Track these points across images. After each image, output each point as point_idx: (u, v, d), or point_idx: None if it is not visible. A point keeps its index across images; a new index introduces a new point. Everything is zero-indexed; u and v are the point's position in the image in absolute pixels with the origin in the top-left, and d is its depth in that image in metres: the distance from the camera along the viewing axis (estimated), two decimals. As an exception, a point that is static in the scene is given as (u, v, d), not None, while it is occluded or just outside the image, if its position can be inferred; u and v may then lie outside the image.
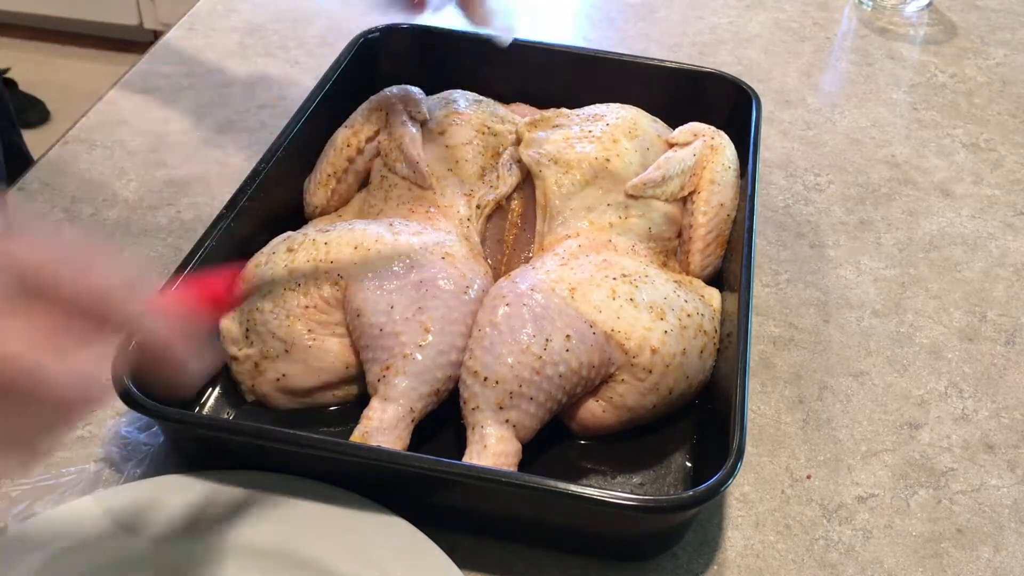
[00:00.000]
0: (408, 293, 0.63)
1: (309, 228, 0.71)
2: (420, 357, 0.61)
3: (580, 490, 0.53)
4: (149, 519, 0.56)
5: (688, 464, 0.64)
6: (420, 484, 0.57)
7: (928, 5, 1.18)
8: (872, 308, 0.78)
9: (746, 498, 0.63)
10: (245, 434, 0.57)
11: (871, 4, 1.18)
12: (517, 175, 0.74)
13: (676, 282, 0.67)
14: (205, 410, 0.65)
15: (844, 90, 1.04)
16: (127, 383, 0.56)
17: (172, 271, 0.63)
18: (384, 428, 0.59)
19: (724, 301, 0.69)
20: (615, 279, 0.64)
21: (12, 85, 2.52)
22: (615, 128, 0.74)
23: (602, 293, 0.63)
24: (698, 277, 0.73)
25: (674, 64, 0.86)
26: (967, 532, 0.62)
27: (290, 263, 0.65)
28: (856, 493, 0.64)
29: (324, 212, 0.77)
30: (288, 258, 0.65)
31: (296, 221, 0.75)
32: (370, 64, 0.85)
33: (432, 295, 0.63)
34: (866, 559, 0.60)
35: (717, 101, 0.83)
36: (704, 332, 0.65)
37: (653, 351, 0.62)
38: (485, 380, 0.59)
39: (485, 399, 0.59)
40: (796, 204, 0.88)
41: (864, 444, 0.67)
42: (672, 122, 0.80)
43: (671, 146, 0.77)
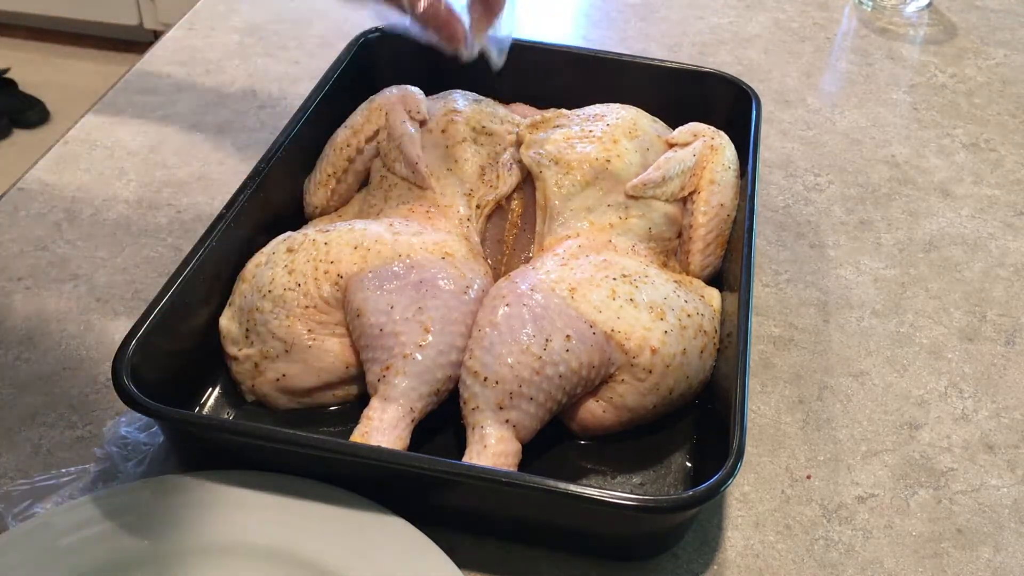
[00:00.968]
0: (408, 293, 0.63)
1: (309, 228, 0.71)
2: (420, 357, 0.61)
3: (580, 490, 0.53)
4: (149, 519, 0.56)
5: (688, 464, 0.64)
6: (420, 484, 0.57)
7: (928, 5, 1.18)
8: (872, 308, 0.78)
9: (746, 498, 0.63)
10: (245, 434, 0.57)
11: (871, 4, 1.18)
12: (517, 175, 0.74)
13: (676, 282, 0.67)
14: (205, 410, 0.65)
15: (844, 90, 1.04)
16: (127, 383, 0.56)
17: (172, 271, 0.63)
18: (384, 428, 0.59)
19: (724, 301, 0.69)
20: (615, 279, 0.64)
21: (12, 85, 2.52)
22: (615, 128, 0.74)
23: (602, 293, 0.63)
24: (698, 277, 0.73)
25: (674, 64, 0.86)
26: (967, 532, 0.62)
27: (290, 263, 0.65)
28: (856, 493, 0.64)
29: (324, 212, 0.77)
30: (288, 258, 0.65)
31: (296, 221, 0.75)
32: (370, 64, 0.85)
33: (432, 295, 0.63)
34: (866, 559, 0.60)
35: (717, 101, 0.83)
36: (704, 332, 0.65)
37: (653, 351, 0.62)
38: (485, 380, 0.59)
39: (485, 399, 0.59)
40: (796, 204, 0.88)
41: (864, 444, 0.67)
42: (672, 122, 0.80)
43: (671, 146, 0.77)
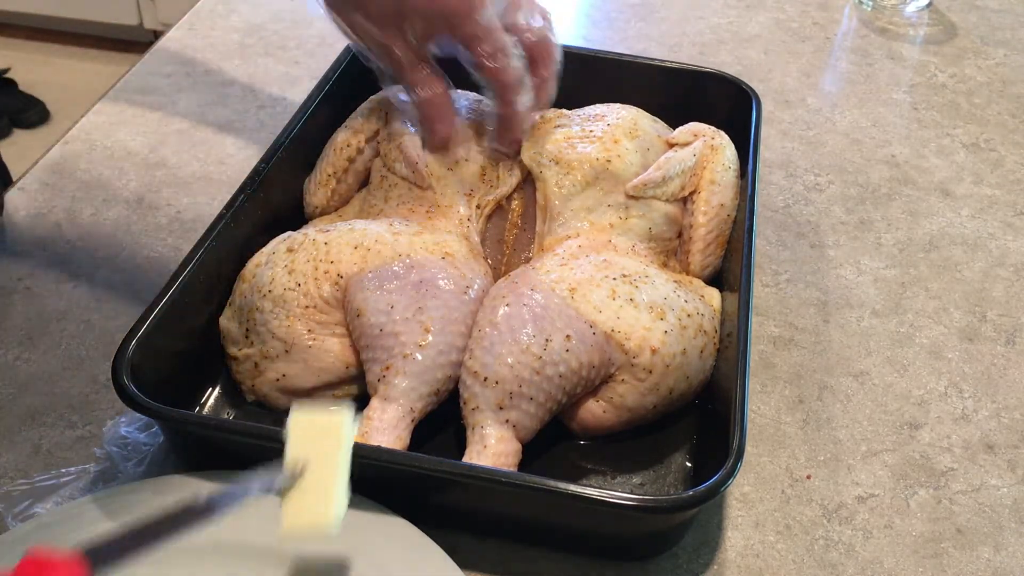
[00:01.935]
0: (408, 293, 0.63)
1: (309, 228, 0.71)
2: (420, 357, 0.61)
3: (580, 490, 0.53)
4: (149, 519, 0.56)
5: (688, 464, 0.64)
6: (420, 484, 0.57)
7: (928, 5, 1.18)
8: (872, 308, 0.78)
9: (746, 498, 0.63)
10: (245, 434, 0.57)
11: (871, 4, 1.18)
12: (517, 175, 0.74)
13: (676, 282, 0.67)
14: (205, 410, 0.65)
15: (844, 90, 1.04)
16: (127, 383, 0.56)
17: (172, 271, 0.63)
18: (384, 428, 0.59)
19: (724, 301, 0.69)
20: (615, 279, 0.64)
21: (12, 85, 2.52)
22: (616, 128, 0.74)
23: (602, 293, 0.63)
24: (698, 277, 0.73)
25: (674, 64, 0.86)
26: (967, 532, 0.62)
27: (290, 263, 0.65)
28: (856, 493, 0.64)
29: (324, 212, 0.77)
30: (288, 258, 0.65)
31: (296, 221, 0.75)
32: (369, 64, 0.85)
33: (432, 295, 0.63)
34: (866, 559, 0.60)
35: (717, 101, 0.83)
36: (704, 332, 0.65)
37: (653, 351, 0.62)
38: (485, 380, 0.59)
39: (485, 399, 0.59)
40: (796, 204, 0.88)
41: (864, 444, 0.67)
42: (672, 122, 0.80)
43: (671, 146, 0.77)
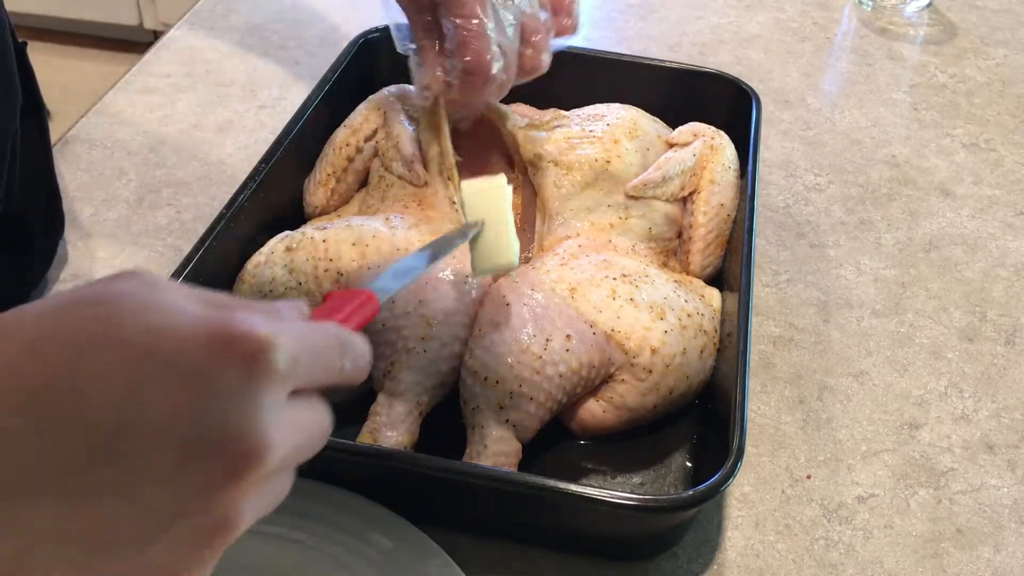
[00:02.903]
0: (408, 287, 0.63)
1: (307, 227, 0.71)
2: (423, 351, 0.61)
3: (580, 490, 0.53)
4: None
5: (688, 464, 0.64)
6: (420, 484, 0.57)
7: (928, 5, 1.18)
8: (872, 308, 0.78)
9: (746, 498, 0.63)
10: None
11: (871, 4, 1.18)
12: (517, 175, 0.74)
13: (676, 282, 0.67)
14: (205, 410, 0.65)
15: (844, 90, 1.04)
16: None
17: (172, 271, 0.63)
18: (392, 423, 0.59)
19: (724, 301, 0.69)
20: (615, 279, 0.64)
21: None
22: (615, 128, 0.74)
23: (602, 293, 0.63)
24: (698, 277, 0.73)
25: (674, 64, 0.86)
26: (967, 532, 0.62)
27: (289, 262, 0.65)
28: (856, 493, 0.64)
29: (324, 212, 0.77)
30: (287, 257, 0.65)
31: (296, 221, 0.75)
32: (370, 64, 0.85)
33: (432, 288, 0.63)
34: (866, 559, 0.60)
35: (717, 101, 0.83)
36: (704, 332, 0.65)
37: (653, 351, 0.62)
38: (485, 380, 0.59)
39: (485, 399, 0.59)
40: (796, 204, 0.88)
41: (864, 444, 0.67)
42: (672, 122, 0.80)
43: (671, 146, 0.77)
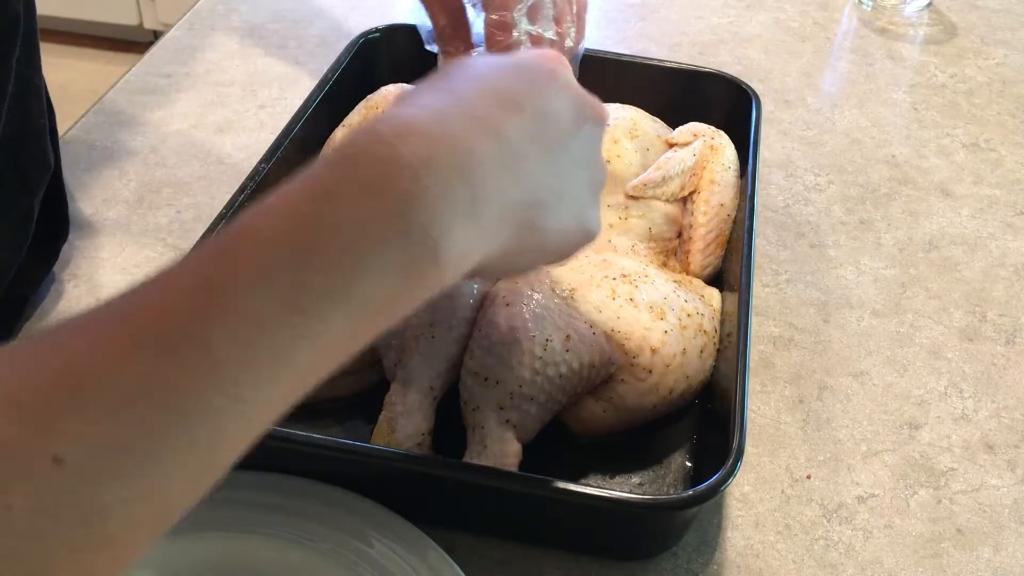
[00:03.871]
0: None
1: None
2: (431, 337, 0.61)
3: (580, 490, 0.53)
4: None
5: (688, 464, 0.64)
6: (420, 484, 0.57)
7: (928, 5, 1.18)
8: (872, 308, 0.78)
9: (746, 498, 0.63)
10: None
11: (871, 4, 1.18)
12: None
13: (676, 282, 0.67)
14: (205, 410, 0.65)
15: (844, 90, 1.04)
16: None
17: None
18: (408, 411, 0.60)
19: (724, 301, 0.69)
20: (615, 279, 0.64)
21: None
22: (615, 128, 0.74)
23: (602, 293, 0.63)
24: (698, 277, 0.73)
25: (674, 64, 0.86)
26: (967, 532, 0.62)
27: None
28: (856, 493, 0.64)
29: (324, 212, 0.77)
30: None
31: (296, 221, 0.75)
32: (370, 64, 0.85)
33: None
34: (866, 559, 0.60)
35: (717, 101, 0.83)
36: (704, 332, 0.65)
37: (653, 351, 0.62)
38: (485, 380, 0.59)
39: (485, 399, 0.59)
40: (796, 204, 0.88)
41: (864, 444, 0.67)
42: (672, 122, 0.80)
43: (671, 146, 0.77)
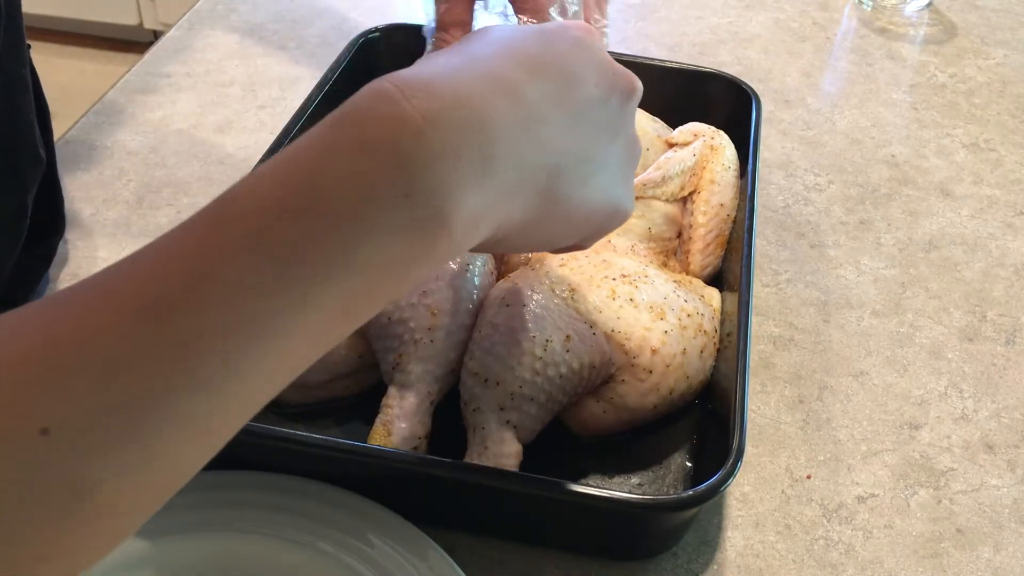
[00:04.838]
0: None
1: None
2: (430, 341, 0.61)
3: (580, 490, 0.53)
4: (149, 519, 0.56)
5: (688, 464, 0.64)
6: (420, 484, 0.57)
7: (928, 5, 1.18)
8: (872, 308, 0.78)
9: (746, 498, 0.63)
10: (243, 434, 0.57)
11: (871, 4, 1.18)
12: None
13: (676, 282, 0.67)
14: (205, 410, 0.65)
15: (844, 90, 1.04)
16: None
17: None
18: (405, 415, 0.59)
19: (724, 301, 0.69)
20: (615, 279, 0.64)
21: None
22: (615, 128, 0.74)
23: (602, 293, 0.63)
24: (698, 277, 0.73)
25: (674, 64, 0.86)
26: (967, 532, 0.62)
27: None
28: (856, 493, 0.64)
29: (324, 212, 0.77)
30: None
31: (296, 221, 0.75)
32: (370, 64, 0.85)
33: (435, 277, 0.63)
34: (866, 559, 0.60)
35: (717, 101, 0.83)
36: (704, 332, 0.65)
37: (653, 351, 0.62)
38: (486, 381, 0.59)
39: (486, 400, 0.59)
40: (796, 204, 0.88)
41: (864, 444, 0.67)
42: (672, 122, 0.80)
43: (671, 146, 0.77)
